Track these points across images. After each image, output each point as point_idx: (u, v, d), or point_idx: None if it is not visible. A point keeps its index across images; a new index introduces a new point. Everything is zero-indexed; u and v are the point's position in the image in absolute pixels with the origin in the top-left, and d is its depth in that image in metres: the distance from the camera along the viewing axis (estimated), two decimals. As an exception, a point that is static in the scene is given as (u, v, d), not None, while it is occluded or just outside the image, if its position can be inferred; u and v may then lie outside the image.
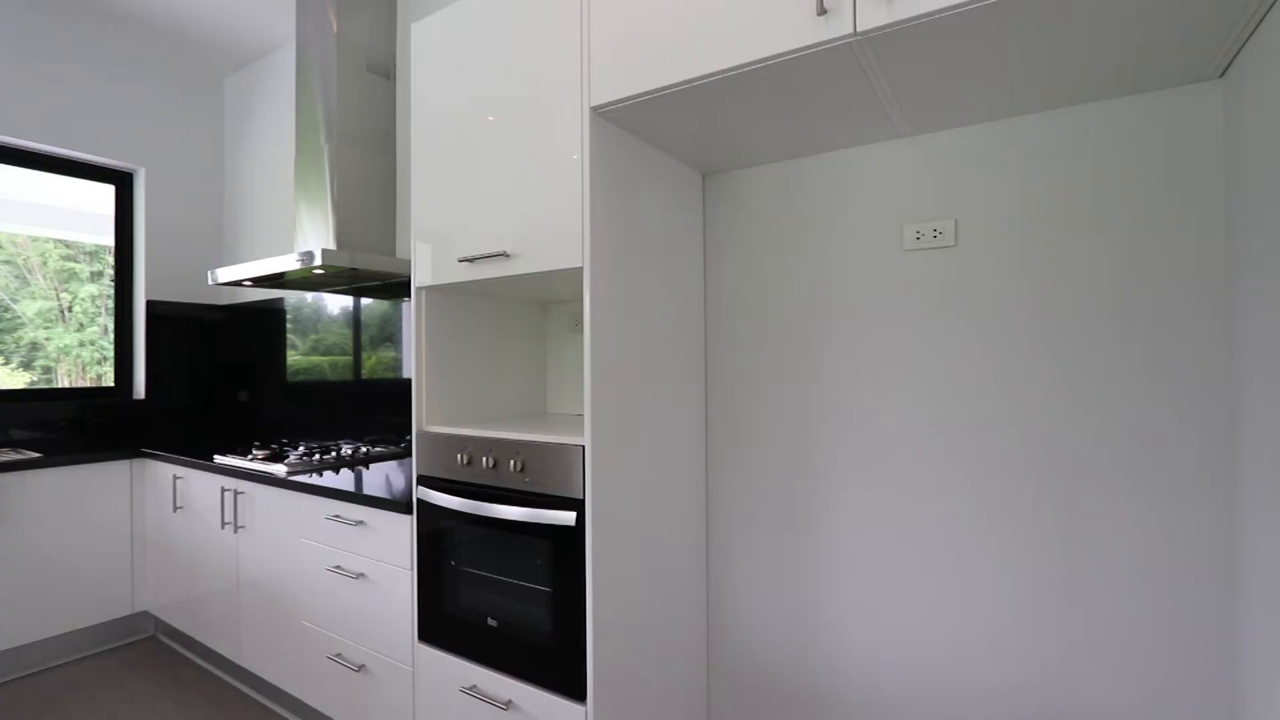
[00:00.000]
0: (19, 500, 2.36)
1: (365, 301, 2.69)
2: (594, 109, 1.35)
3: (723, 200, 1.75)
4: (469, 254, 1.54)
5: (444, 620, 1.60)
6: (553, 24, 1.41)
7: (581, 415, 1.93)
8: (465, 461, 1.55)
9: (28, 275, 3.09)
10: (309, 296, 2.94)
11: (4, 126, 2.70)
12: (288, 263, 2.19)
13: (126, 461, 2.65)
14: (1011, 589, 1.36)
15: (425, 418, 1.67)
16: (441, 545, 1.61)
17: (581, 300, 1.92)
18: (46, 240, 3.17)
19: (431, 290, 1.69)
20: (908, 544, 1.48)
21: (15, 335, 3.01)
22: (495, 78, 1.52)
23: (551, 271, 1.42)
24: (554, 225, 1.39)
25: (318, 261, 2.06)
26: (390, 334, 2.59)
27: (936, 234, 1.43)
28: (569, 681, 1.37)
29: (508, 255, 1.47)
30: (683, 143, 1.54)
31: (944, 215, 1.43)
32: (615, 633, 1.40)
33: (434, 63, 1.65)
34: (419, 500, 1.63)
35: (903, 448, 1.48)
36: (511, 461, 1.45)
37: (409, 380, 2.49)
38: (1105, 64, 1.14)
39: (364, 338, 2.70)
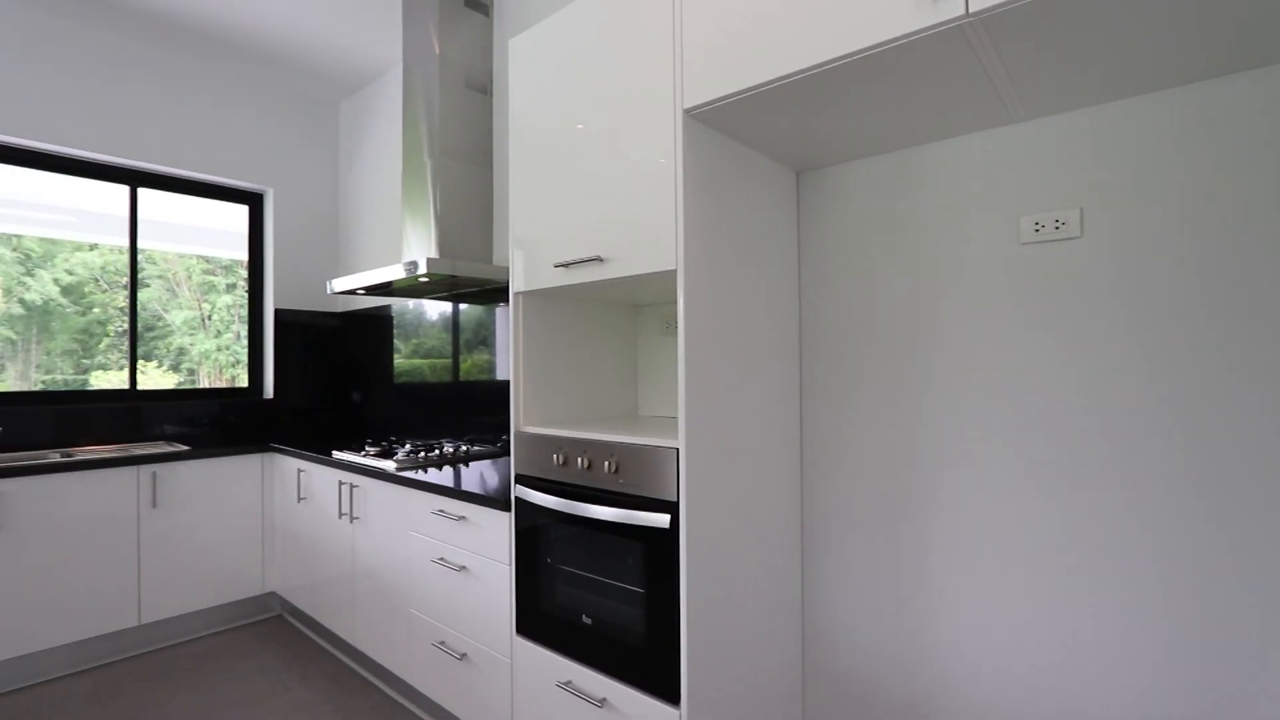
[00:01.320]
0: (172, 487, 2.66)
1: (463, 307, 2.82)
2: (687, 111, 1.35)
3: (818, 197, 1.70)
4: (564, 259, 1.58)
5: (540, 615, 1.65)
6: (644, 30, 1.42)
7: (673, 417, 1.93)
8: (561, 462, 1.59)
9: (176, 288, 3.48)
10: (411, 303, 3.12)
11: (160, 157, 3.05)
12: (395, 272, 2.34)
13: (258, 455, 2.92)
14: (1143, 601, 1.23)
15: (523, 418, 1.73)
16: (538, 542, 1.66)
17: (672, 303, 1.94)
18: (191, 257, 3.56)
19: (528, 295, 1.75)
20: (1025, 553, 1.37)
21: (166, 341, 3.39)
22: (588, 87, 1.55)
23: (644, 275, 1.43)
24: (647, 229, 1.40)
25: (422, 270, 2.18)
26: (485, 338, 2.71)
27: (1058, 225, 1.32)
28: (663, 684, 1.37)
29: (601, 260, 1.50)
30: (776, 140, 1.51)
31: (1067, 204, 1.32)
32: (709, 637, 1.39)
33: (530, 76, 1.71)
34: (517, 498, 1.69)
35: (1016, 454, 1.38)
36: (606, 463, 1.48)
37: (504, 382, 2.59)
38: (1272, 23, 1.01)
39: (462, 341, 2.84)
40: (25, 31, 2.69)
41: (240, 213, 3.51)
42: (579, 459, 1.54)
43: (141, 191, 3.14)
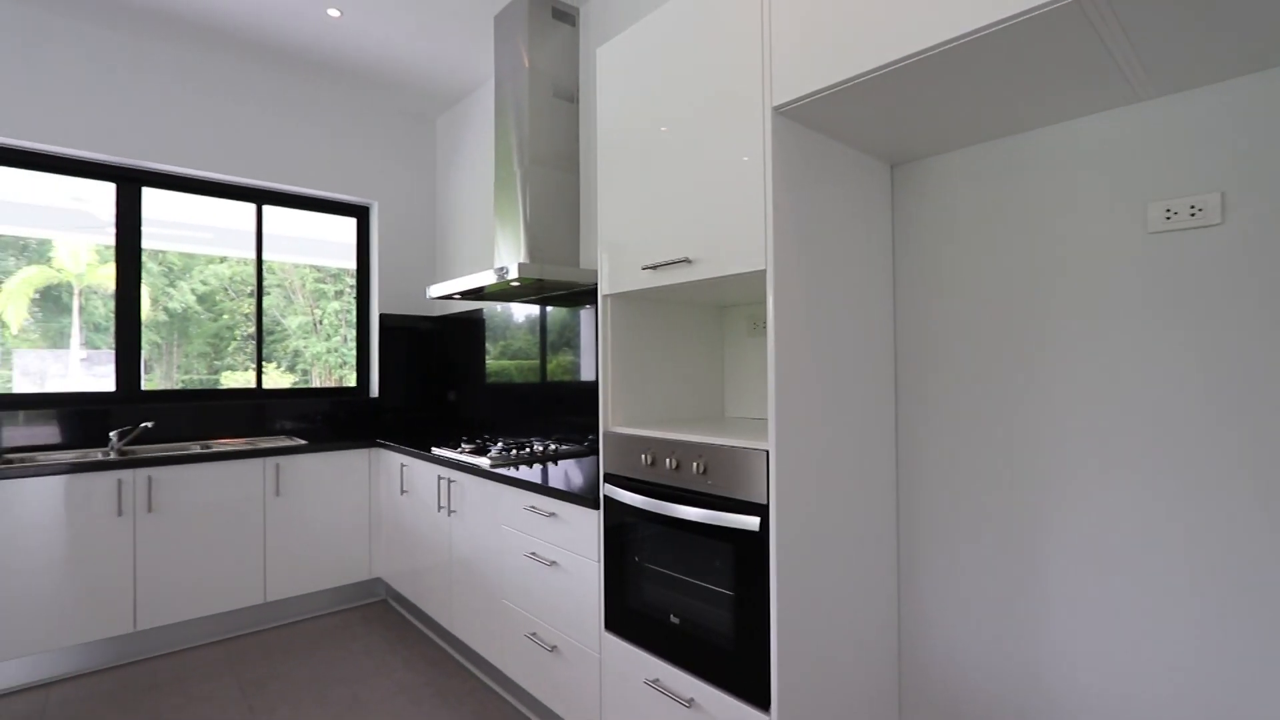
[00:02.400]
0: (292, 477, 2.90)
1: (550, 309, 2.91)
2: (775, 109, 1.33)
3: (914, 191, 1.63)
4: (651, 261, 1.60)
5: (628, 613, 1.68)
6: (732, 31, 1.42)
7: (762, 419, 1.91)
8: (649, 462, 1.60)
9: (291, 296, 3.80)
10: (501, 307, 3.25)
11: (282, 176, 3.35)
12: (487, 277, 2.44)
13: (366, 450, 3.13)
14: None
15: (611, 419, 1.77)
16: (626, 540, 1.68)
17: (760, 303, 1.92)
18: (304, 267, 3.88)
19: (616, 298, 1.78)
20: (1147, 563, 1.25)
21: (284, 344, 3.71)
22: (676, 89, 1.56)
23: (732, 275, 1.42)
24: (736, 229, 1.39)
25: (513, 275, 2.27)
26: (571, 339, 2.78)
27: (1195, 211, 1.20)
28: (752, 688, 1.35)
29: (689, 261, 1.50)
30: (868, 132, 1.46)
31: (1204, 188, 1.20)
32: (801, 642, 1.36)
33: (617, 81, 1.74)
34: (605, 497, 1.73)
35: (1139, 459, 1.26)
36: (694, 464, 1.48)
37: (588, 382, 2.64)
38: None
39: (549, 343, 2.93)
40: (169, 69, 3.02)
41: (347, 224, 3.78)
42: (667, 459, 1.55)
43: (265, 208, 3.45)
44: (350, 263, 3.84)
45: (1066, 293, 1.37)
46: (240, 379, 3.51)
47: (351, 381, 3.78)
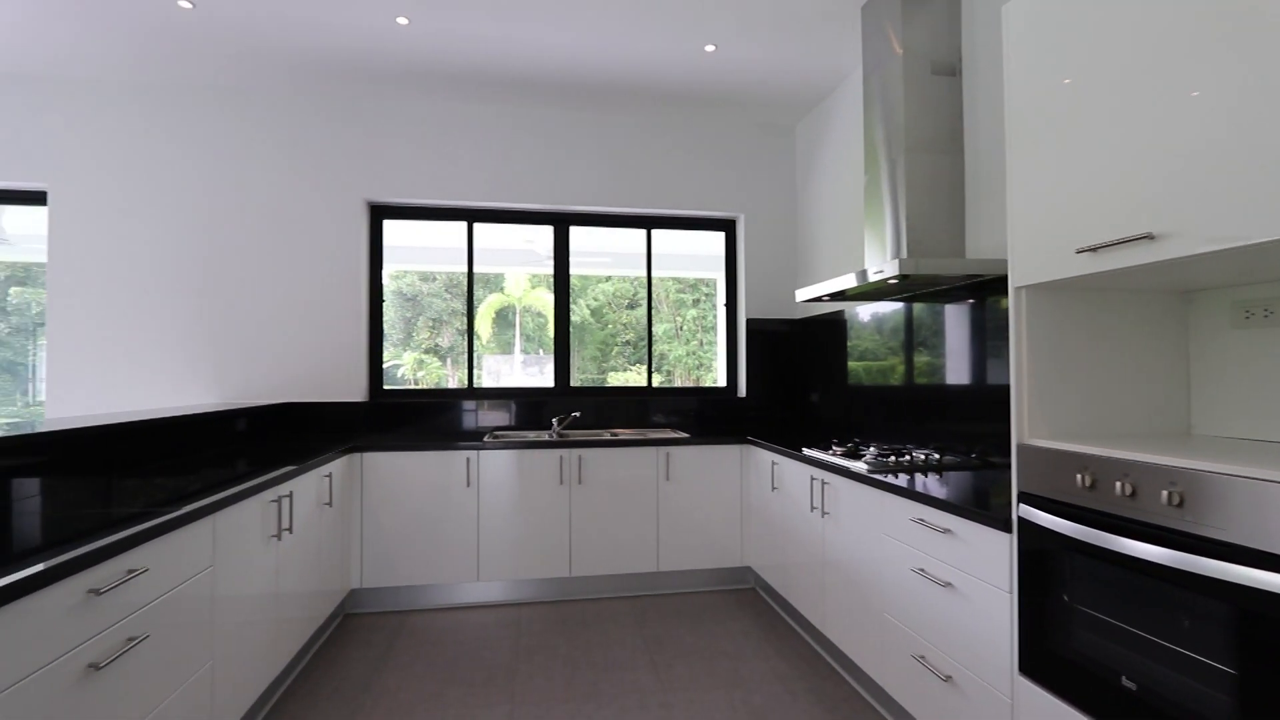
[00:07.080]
0: (677, 466, 3.30)
1: (918, 307, 2.68)
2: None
3: None
4: (1091, 242, 1.32)
5: (1054, 660, 1.42)
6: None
7: (1264, 441, 1.42)
8: (1087, 484, 1.33)
9: (658, 306, 4.33)
10: (859, 307, 3.13)
11: (664, 202, 3.85)
12: (859, 277, 2.37)
13: (737, 446, 3.37)
14: None
15: (1027, 430, 1.52)
16: (1048, 572, 1.43)
17: (1255, 283, 1.43)
18: (668, 279, 4.39)
19: (1033, 289, 1.53)
20: None
21: (653, 349, 4.26)
22: (1126, 27, 1.26)
23: (1229, 250, 1.08)
24: (1237, 187, 1.05)
25: (892, 272, 2.15)
26: (943, 339, 2.51)
27: None
28: (1276, 805, 1.00)
29: (1152, 237, 1.20)
30: None
31: None
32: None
33: (1031, 38, 1.50)
34: (1021, 519, 1.50)
35: None
36: (1164, 492, 1.17)
37: (963, 386, 2.35)
38: None
39: (916, 343, 2.70)
40: (588, 131, 3.76)
41: (710, 238, 4.13)
42: (1117, 483, 1.26)
43: (653, 232, 4.02)
44: (705, 273, 4.22)
45: None
46: (619, 378, 4.16)
47: (707, 382, 4.14)
